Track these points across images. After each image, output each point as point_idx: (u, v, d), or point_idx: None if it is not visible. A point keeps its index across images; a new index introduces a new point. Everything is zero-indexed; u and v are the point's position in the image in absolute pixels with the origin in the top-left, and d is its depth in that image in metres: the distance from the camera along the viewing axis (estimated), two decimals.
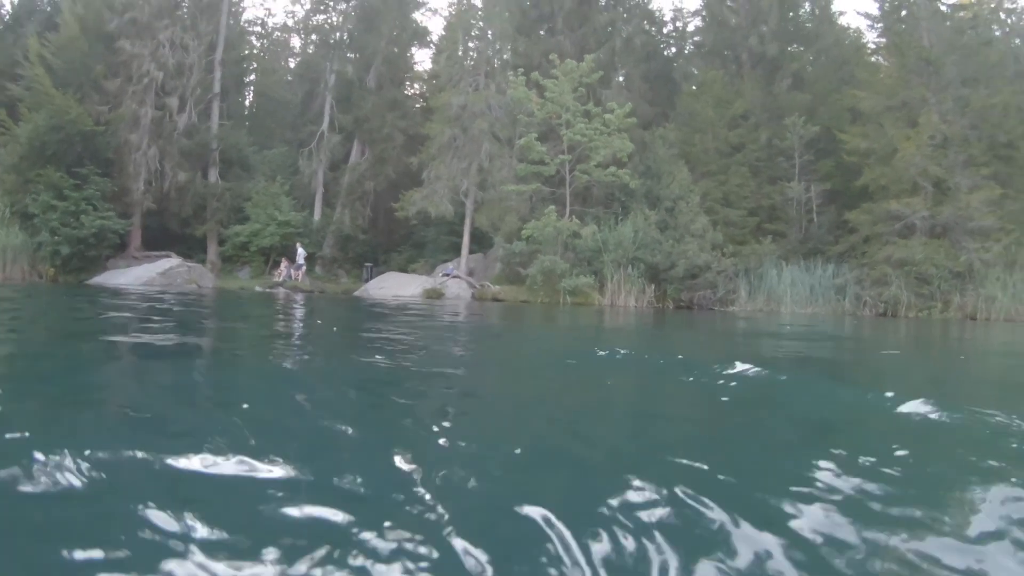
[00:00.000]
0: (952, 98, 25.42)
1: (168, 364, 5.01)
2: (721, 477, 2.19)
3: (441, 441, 2.58)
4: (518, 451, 2.53)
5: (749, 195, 25.89)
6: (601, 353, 7.07)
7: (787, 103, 27.47)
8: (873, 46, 31.99)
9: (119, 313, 10.28)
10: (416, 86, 37.60)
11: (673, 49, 34.59)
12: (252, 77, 37.16)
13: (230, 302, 16.74)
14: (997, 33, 33.28)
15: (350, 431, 2.75)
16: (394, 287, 25.15)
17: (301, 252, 27.12)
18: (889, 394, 3.72)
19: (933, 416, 3.22)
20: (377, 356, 6.16)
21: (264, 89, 36.68)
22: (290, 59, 40.10)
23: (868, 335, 13.46)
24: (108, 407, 3.23)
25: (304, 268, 27.28)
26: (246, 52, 36.45)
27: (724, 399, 4.06)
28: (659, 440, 2.98)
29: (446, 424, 2.94)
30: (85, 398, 3.31)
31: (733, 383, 4.50)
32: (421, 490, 1.90)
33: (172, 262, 25.57)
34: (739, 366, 4.81)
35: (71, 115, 24.24)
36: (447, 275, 25.93)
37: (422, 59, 38.34)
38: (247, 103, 37.95)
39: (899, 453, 2.57)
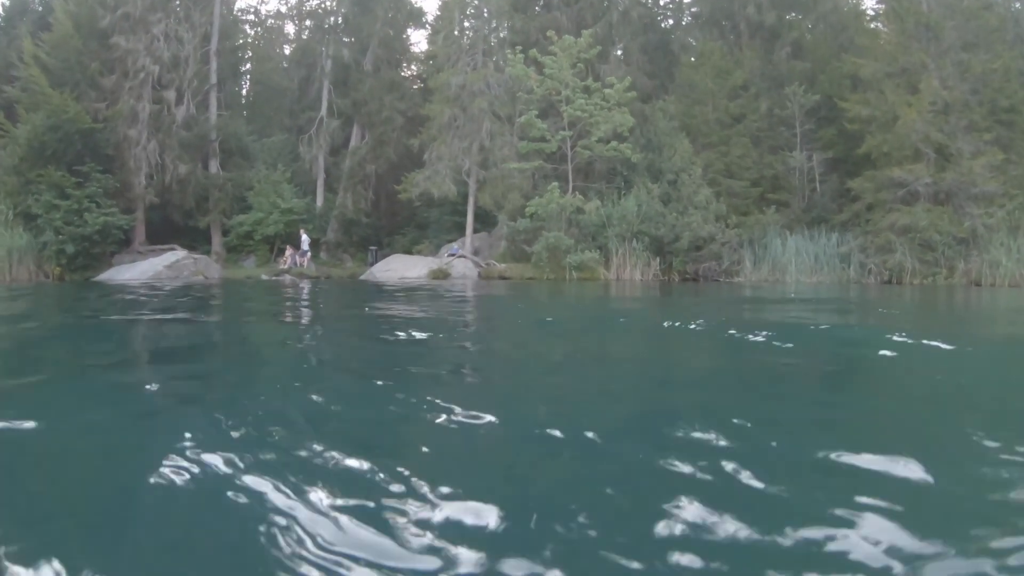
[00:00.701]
0: (952, 63, 25.47)
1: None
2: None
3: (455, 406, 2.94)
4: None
5: (751, 165, 26.18)
6: (666, 324, 7.73)
7: (787, 72, 27.69)
8: (872, 12, 32.21)
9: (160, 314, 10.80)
10: (413, 67, 37.94)
11: (671, 20, 34.67)
12: (248, 66, 37.43)
13: (242, 291, 17.21)
14: None
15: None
16: (400, 269, 25.57)
17: (305, 238, 27.55)
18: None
19: None
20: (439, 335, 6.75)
21: (260, 77, 36.91)
22: (285, 46, 40.35)
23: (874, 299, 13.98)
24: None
25: (309, 254, 27.72)
26: (240, 41, 36.65)
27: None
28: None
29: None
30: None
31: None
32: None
33: (178, 255, 25.90)
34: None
35: (69, 114, 24.43)
36: (452, 255, 26.32)
37: (418, 40, 38.62)
38: (244, 92, 38.29)
39: None
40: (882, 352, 4.72)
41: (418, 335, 6.30)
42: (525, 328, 8.18)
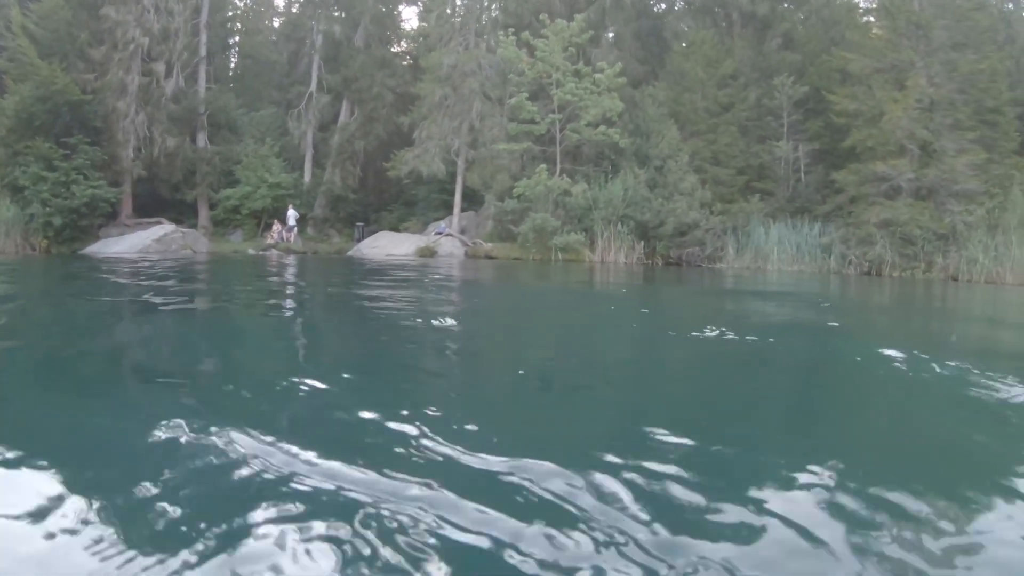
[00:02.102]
0: (940, 62, 26.58)
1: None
2: None
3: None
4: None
5: (738, 154, 27.41)
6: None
7: (777, 63, 28.82)
8: (864, 7, 33.42)
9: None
10: (404, 44, 38.80)
11: (663, 6, 35.66)
12: (237, 39, 38.09)
13: (234, 265, 18.22)
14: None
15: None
16: (387, 246, 26.65)
17: (292, 214, 28.48)
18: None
19: None
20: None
21: (249, 51, 37.58)
22: (274, 19, 41.02)
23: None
24: None
25: (296, 229, 28.66)
26: (230, 13, 37.22)
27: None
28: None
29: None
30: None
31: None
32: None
33: (166, 228, 26.61)
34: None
35: (58, 85, 24.70)
36: (440, 233, 27.39)
37: (409, 16, 39.50)
38: (232, 65, 38.95)
39: None
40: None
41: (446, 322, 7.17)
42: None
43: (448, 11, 30.18)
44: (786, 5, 31.76)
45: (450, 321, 6.99)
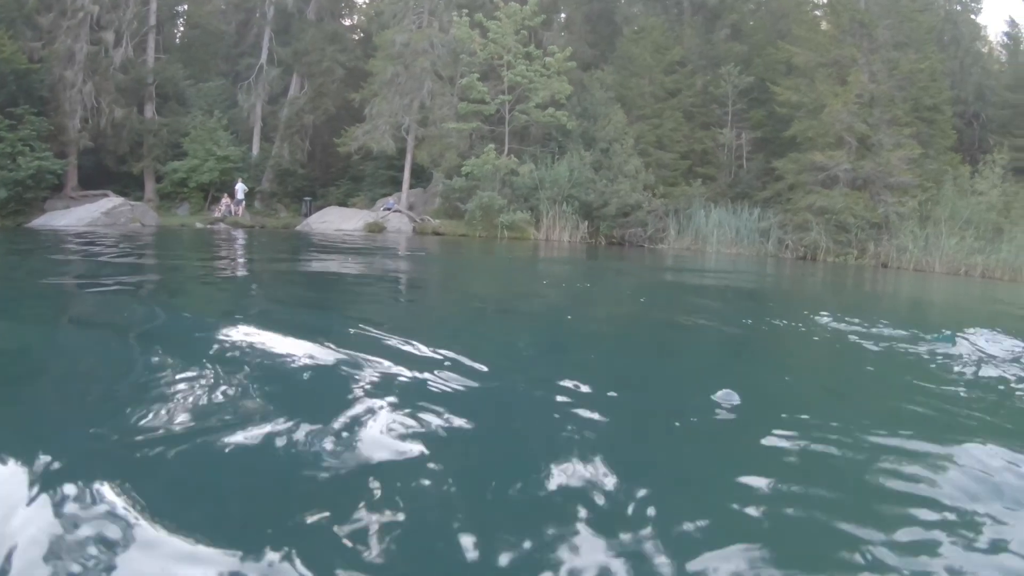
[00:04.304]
0: (882, 60, 29.66)
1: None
2: None
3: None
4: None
5: (682, 139, 30.27)
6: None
7: (724, 52, 31.73)
8: (814, 2, 36.54)
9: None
10: (356, 18, 40.87)
11: None
12: (185, 7, 39.47)
13: (193, 240, 19.55)
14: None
15: None
16: (336, 221, 28.70)
17: (241, 187, 30.07)
18: None
19: None
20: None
21: (198, 20, 38.76)
22: None
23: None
24: None
25: (244, 203, 30.32)
26: None
27: None
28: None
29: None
30: None
31: None
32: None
33: (114, 201, 27.39)
34: None
35: (4, 53, 25.50)
36: (388, 209, 29.56)
37: None
38: (179, 35, 40.34)
39: None
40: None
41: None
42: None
43: None
44: None
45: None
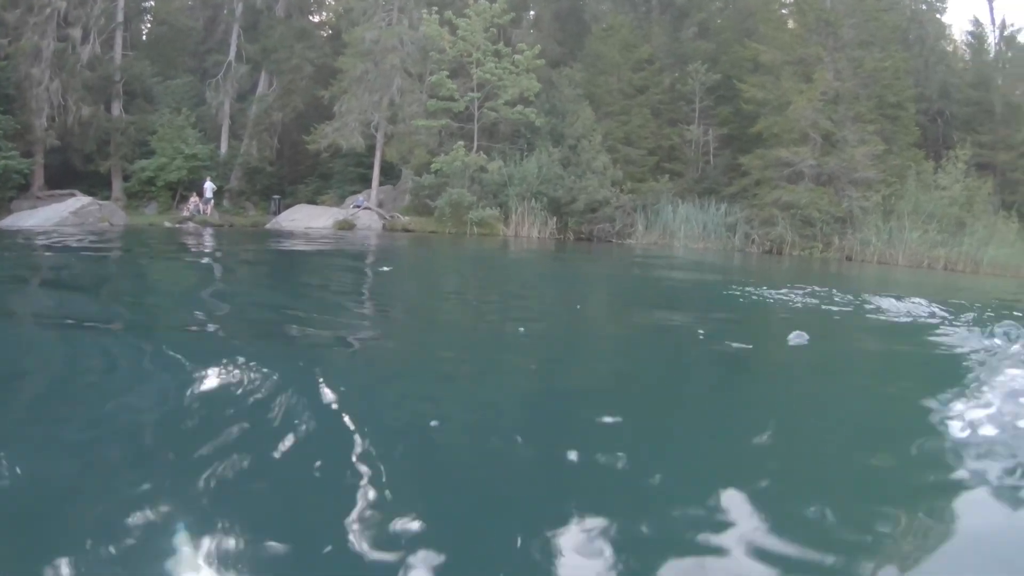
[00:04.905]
0: (847, 58, 30.80)
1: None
2: None
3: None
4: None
5: (649, 136, 31.23)
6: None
7: (691, 50, 32.77)
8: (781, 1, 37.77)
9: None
10: (324, 15, 41.37)
11: None
12: (152, 3, 39.39)
13: (168, 240, 19.96)
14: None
15: None
16: (305, 219, 29.12)
17: (209, 186, 30.26)
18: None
19: None
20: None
21: (165, 16, 38.80)
22: None
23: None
24: None
25: (212, 202, 30.50)
26: None
27: None
28: None
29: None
30: None
31: None
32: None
33: (83, 201, 27.20)
34: None
35: None
36: (358, 206, 30.01)
37: None
38: (145, 31, 40.24)
39: None
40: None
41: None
42: None
43: None
44: None
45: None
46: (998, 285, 18.73)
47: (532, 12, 34.91)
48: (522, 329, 6.03)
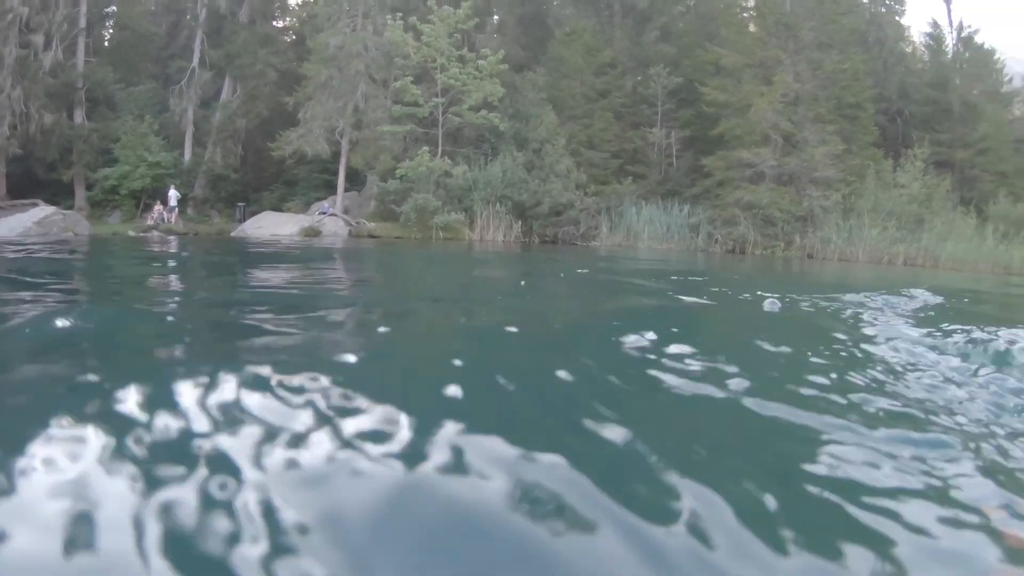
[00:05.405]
0: (806, 60, 31.90)
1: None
2: None
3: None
4: None
5: (612, 139, 32.15)
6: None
7: (653, 54, 33.74)
8: (743, 4, 38.86)
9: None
10: (288, 20, 41.83)
11: None
12: (113, 8, 39.24)
13: (138, 249, 20.43)
14: (865, 0, 41.21)
15: None
16: (271, 226, 29.41)
17: (174, 194, 30.53)
18: None
19: None
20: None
21: (128, 21, 38.91)
22: None
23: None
24: None
25: (176, 210, 30.79)
26: None
27: None
28: None
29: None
30: None
31: None
32: None
33: (46, 210, 27.32)
34: None
35: None
36: (323, 213, 30.44)
37: None
38: (107, 36, 40.13)
39: None
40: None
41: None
42: None
43: None
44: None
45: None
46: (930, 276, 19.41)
47: (496, 17, 35.64)
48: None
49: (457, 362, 3.22)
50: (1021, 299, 13.23)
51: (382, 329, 4.44)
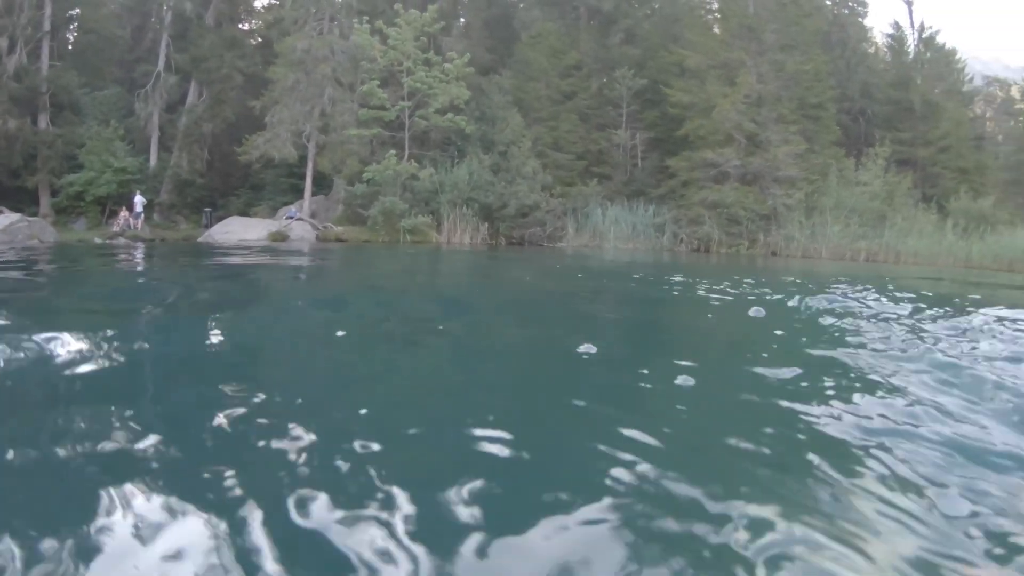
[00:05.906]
0: (769, 62, 32.85)
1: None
2: None
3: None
4: None
5: (578, 140, 32.92)
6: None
7: (619, 56, 34.53)
8: (707, 7, 39.78)
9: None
10: (254, 23, 42.09)
11: None
12: (78, 11, 38.65)
13: (111, 256, 20.59)
14: (828, 2, 42.32)
15: None
16: (239, 231, 29.51)
17: (140, 200, 30.50)
18: None
19: None
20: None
21: (92, 24, 38.61)
22: None
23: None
24: None
25: (143, 216, 30.80)
26: None
27: None
28: None
29: None
30: None
31: None
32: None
33: (11, 218, 26.96)
34: None
35: None
36: (291, 218, 30.74)
37: None
38: (71, 40, 40.07)
39: None
40: None
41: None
42: None
43: None
44: (630, 2, 37.74)
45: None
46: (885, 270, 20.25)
47: (462, 20, 36.27)
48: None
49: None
50: (977, 286, 14.22)
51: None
